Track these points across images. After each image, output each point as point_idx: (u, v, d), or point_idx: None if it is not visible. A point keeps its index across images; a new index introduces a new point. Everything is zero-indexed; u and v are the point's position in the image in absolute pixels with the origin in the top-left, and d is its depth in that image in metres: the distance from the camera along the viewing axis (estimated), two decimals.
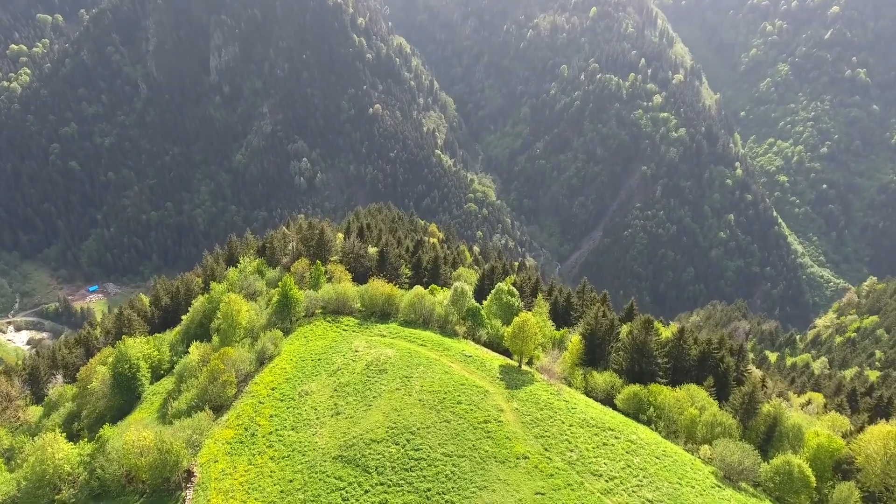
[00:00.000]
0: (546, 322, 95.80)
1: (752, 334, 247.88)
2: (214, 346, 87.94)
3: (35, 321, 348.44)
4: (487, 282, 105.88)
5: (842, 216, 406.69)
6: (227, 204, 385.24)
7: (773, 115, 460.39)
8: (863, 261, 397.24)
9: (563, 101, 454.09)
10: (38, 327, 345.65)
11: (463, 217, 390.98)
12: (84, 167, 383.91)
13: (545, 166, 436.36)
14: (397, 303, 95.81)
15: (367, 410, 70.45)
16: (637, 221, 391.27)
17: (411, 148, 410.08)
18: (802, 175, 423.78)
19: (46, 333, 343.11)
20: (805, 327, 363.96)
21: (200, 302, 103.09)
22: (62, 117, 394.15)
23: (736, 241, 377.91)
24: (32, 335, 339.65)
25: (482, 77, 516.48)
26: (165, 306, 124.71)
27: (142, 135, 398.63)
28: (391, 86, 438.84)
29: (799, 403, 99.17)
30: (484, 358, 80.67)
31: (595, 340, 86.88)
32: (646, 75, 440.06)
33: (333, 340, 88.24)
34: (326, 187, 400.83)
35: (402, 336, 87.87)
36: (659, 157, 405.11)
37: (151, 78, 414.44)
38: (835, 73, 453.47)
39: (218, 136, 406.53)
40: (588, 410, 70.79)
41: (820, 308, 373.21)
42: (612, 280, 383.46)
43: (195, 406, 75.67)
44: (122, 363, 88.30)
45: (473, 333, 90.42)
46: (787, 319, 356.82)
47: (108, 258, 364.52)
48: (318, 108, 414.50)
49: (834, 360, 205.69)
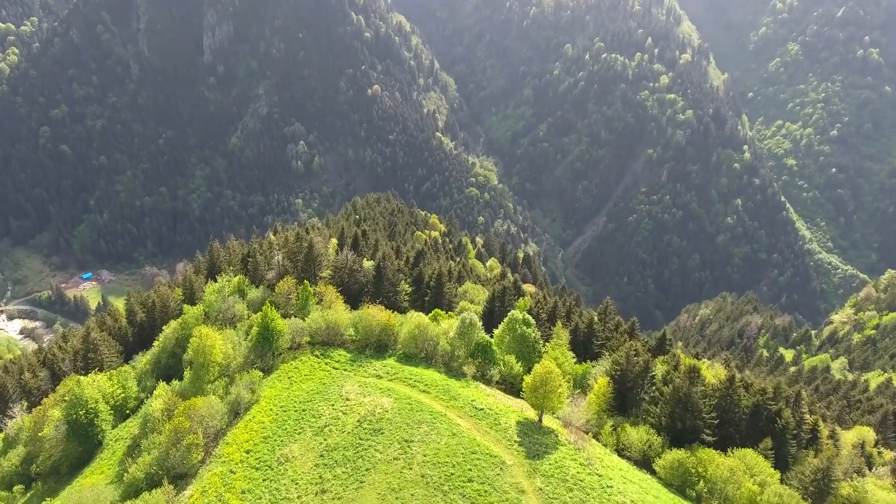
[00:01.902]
0: (566, 355, 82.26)
1: (764, 329, 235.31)
2: (183, 388, 74.42)
3: (28, 310, 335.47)
4: (498, 303, 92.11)
5: (851, 201, 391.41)
6: (223, 189, 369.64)
7: (781, 97, 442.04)
8: (871, 247, 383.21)
9: (567, 81, 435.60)
10: (31, 316, 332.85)
11: (464, 202, 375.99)
12: (75, 151, 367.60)
13: (548, 149, 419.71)
14: (396, 332, 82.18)
15: (359, 489, 57.12)
16: (642, 206, 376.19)
17: (411, 130, 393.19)
18: (811, 158, 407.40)
19: (39, 322, 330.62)
20: (812, 315, 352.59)
21: (172, 328, 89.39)
22: (52, 99, 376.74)
23: (743, 227, 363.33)
24: (25, 324, 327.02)
25: (484, 57, 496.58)
26: (141, 322, 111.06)
27: (134, 117, 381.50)
28: (390, 66, 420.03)
29: (850, 444, 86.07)
30: (498, 411, 67.08)
31: (626, 383, 73.43)
32: (652, 55, 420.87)
33: (322, 382, 74.66)
34: (324, 171, 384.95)
35: (402, 378, 74.28)
36: (665, 140, 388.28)
37: (143, 58, 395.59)
38: (846, 52, 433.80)
39: (212, 119, 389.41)
40: (626, 488, 57.51)
41: (827, 295, 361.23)
42: (615, 267, 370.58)
43: (154, 474, 62.30)
44: (76, 409, 74.91)
45: (484, 373, 76.86)
46: (793, 307, 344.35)
47: (101, 245, 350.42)
48: (315, 90, 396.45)
49: (854, 362, 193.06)
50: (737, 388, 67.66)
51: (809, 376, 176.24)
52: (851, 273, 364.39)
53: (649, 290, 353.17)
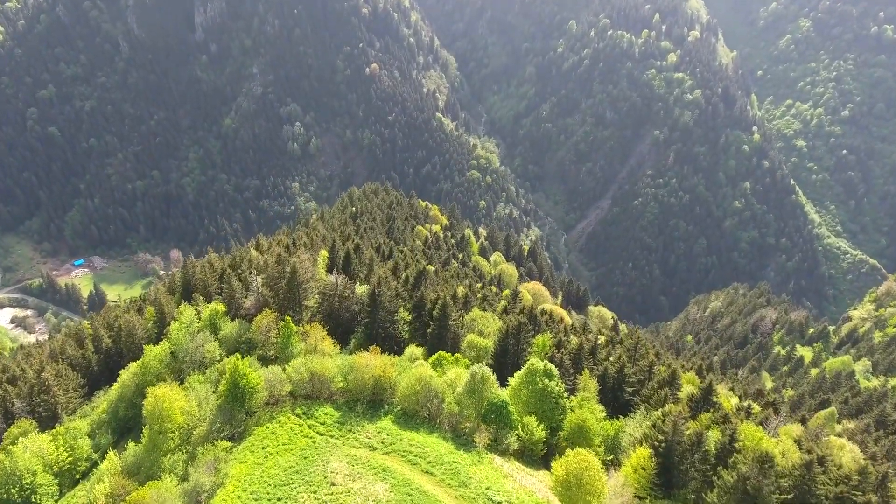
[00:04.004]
0: (595, 412, 68.05)
1: (778, 324, 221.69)
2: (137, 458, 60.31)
3: (19, 298, 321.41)
4: (512, 340, 77.56)
5: (861, 184, 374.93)
6: (217, 172, 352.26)
7: (791, 75, 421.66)
8: (881, 231, 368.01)
9: (572, 59, 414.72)
10: (22, 304, 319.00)
11: (465, 185, 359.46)
12: (64, 133, 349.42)
13: (551, 130, 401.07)
14: (393, 383, 67.91)
15: None
16: (648, 190, 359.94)
17: (410, 111, 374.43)
18: (821, 140, 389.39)
19: (31, 311, 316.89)
20: (820, 301, 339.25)
21: (132, 373, 75.02)
22: (39, 79, 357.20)
23: (751, 211, 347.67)
24: (16, 313, 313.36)
25: (485, 33, 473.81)
26: (107, 349, 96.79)
27: (124, 98, 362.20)
28: (389, 43, 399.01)
29: None
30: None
31: (671, 457, 59.35)
32: (660, 31, 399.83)
33: (303, 456, 60.47)
34: (322, 154, 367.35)
35: (400, 450, 60.11)
36: (672, 120, 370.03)
37: (132, 36, 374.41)
38: (860, 29, 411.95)
39: (205, 99, 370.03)
40: None
41: (836, 281, 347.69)
42: (620, 252, 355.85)
43: None
44: (8, 486, 60.91)
45: (498, 440, 62.73)
46: (801, 293, 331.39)
47: (93, 230, 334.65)
48: (311, 68, 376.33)
49: (878, 364, 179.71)
50: (815, 476, 53.52)
51: (834, 383, 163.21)
52: (861, 258, 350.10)
53: (654, 276, 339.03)
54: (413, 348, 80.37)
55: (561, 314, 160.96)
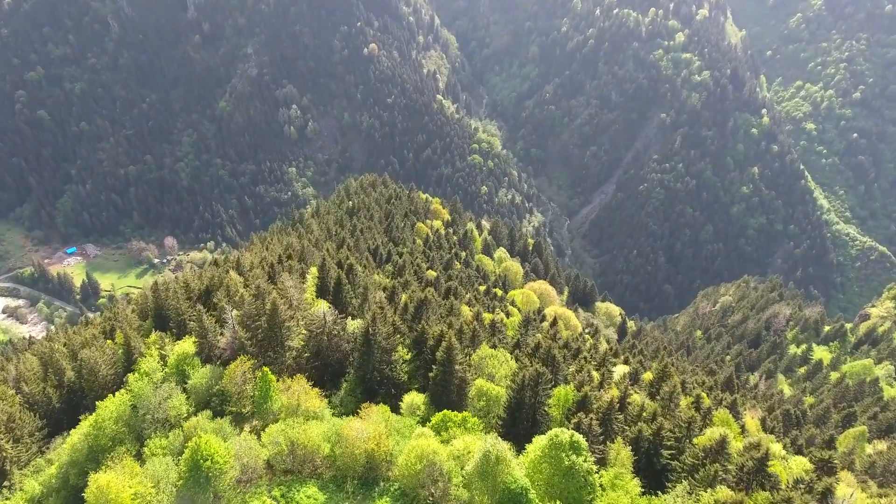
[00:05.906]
0: (630, 489, 56.09)
1: (792, 321, 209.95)
2: None
3: (11, 287, 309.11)
4: (529, 393, 65.25)
5: (871, 168, 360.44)
6: (212, 157, 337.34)
7: (802, 55, 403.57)
8: (891, 217, 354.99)
9: (576, 39, 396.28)
10: (14, 294, 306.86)
11: (466, 170, 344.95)
12: (54, 117, 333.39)
13: (555, 112, 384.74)
14: (389, 457, 55.88)
15: None
16: (654, 175, 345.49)
17: (410, 93, 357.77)
18: (832, 122, 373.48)
19: (23, 301, 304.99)
20: (827, 290, 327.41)
21: (84, 433, 62.85)
22: (26, 60, 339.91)
23: (759, 197, 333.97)
24: (8, 303, 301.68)
25: (487, 11, 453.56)
26: (70, 385, 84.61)
27: (115, 79, 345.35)
28: (388, 22, 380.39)
29: None
30: None
31: None
32: (667, 10, 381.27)
33: None
34: (319, 137, 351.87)
35: None
36: (679, 103, 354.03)
37: (123, 14, 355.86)
38: (873, 7, 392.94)
39: (199, 81, 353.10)
40: None
41: (844, 269, 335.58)
42: (624, 238, 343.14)
43: None
44: None
45: None
46: (809, 281, 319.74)
47: (85, 217, 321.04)
48: (307, 49, 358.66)
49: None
50: None
51: (857, 391, 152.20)
52: (870, 245, 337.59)
53: (659, 263, 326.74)
54: (413, 396, 68.28)
55: (569, 319, 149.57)
